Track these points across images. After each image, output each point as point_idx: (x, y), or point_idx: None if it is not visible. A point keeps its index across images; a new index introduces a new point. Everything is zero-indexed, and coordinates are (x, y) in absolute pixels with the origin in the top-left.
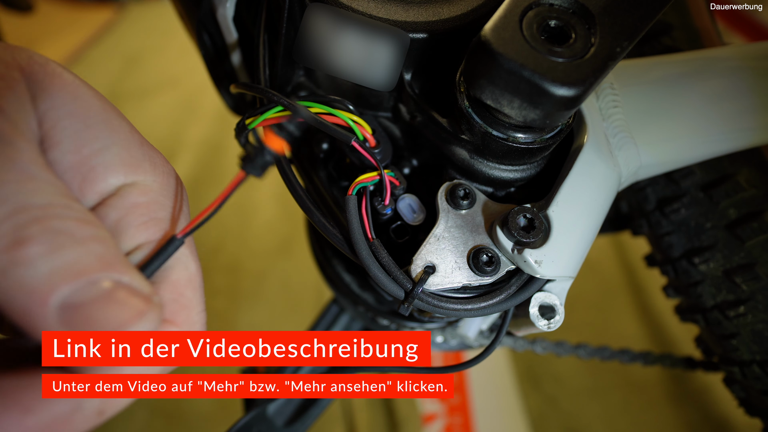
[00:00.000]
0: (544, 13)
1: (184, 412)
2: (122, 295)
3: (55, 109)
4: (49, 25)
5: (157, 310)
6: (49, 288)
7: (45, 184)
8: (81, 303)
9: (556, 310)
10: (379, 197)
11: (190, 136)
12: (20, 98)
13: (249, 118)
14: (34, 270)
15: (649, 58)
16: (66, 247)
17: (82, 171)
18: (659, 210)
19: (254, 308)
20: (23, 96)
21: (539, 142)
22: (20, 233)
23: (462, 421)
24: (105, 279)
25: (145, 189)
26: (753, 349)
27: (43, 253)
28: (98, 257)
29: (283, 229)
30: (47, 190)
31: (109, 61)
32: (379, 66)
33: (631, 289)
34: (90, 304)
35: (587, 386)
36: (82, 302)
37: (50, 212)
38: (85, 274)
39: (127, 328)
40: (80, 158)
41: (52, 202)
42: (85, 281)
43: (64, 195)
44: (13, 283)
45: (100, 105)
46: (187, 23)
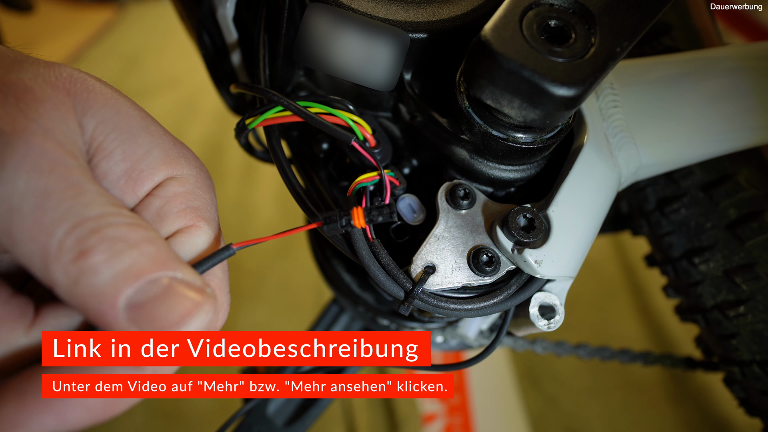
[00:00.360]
0: (544, 13)
1: (184, 412)
2: (180, 290)
3: (104, 124)
4: (49, 25)
5: (212, 301)
6: (115, 291)
7: (96, 196)
8: (144, 301)
9: (556, 310)
10: (379, 197)
11: (190, 136)
12: (66, 118)
13: (249, 118)
14: (99, 277)
15: (649, 58)
16: (123, 252)
17: (133, 175)
18: (659, 210)
19: (254, 308)
20: (69, 115)
21: (539, 142)
22: (83, 245)
23: (462, 421)
24: (162, 277)
25: (182, 181)
26: (753, 349)
27: (104, 260)
28: (152, 258)
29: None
30: (99, 201)
31: (109, 61)
32: (379, 66)
33: (631, 289)
34: (153, 301)
35: (587, 386)
36: (146, 300)
37: (104, 222)
38: (143, 275)
39: (190, 319)
40: (131, 164)
41: (105, 212)
42: (145, 281)
43: (113, 204)
44: (86, 291)
45: (137, 114)
46: (187, 23)
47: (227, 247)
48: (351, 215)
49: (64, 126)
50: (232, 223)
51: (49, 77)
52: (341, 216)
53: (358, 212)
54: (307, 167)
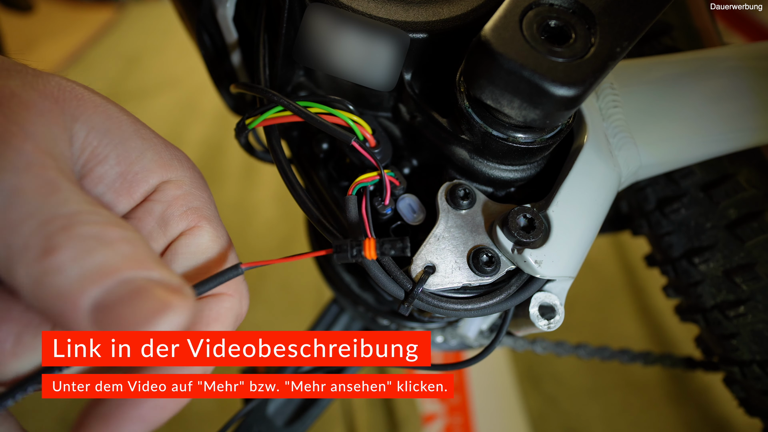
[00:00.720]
0: (544, 13)
1: (184, 412)
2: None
3: (95, 130)
4: (49, 25)
5: (189, 302)
6: (78, 290)
7: (71, 194)
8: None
9: (556, 310)
10: (379, 197)
11: (190, 136)
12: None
13: (249, 118)
14: (64, 276)
15: (649, 58)
16: (95, 250)
17: (128, 178)
18: (659, 210)
19: (254, 308)
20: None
21: (539, 142)
22: (48, 242)
23: (462, 421)
24: (136, 277)
25: (179, 183)
26: (753, 349)
27: (71, 258)
28: (127, 257)
29: (283, 229)
30: (74, 199)
31: (109, 61)
32: (379, 66)
33: (631, 289)
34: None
35: (587, 386)
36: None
37: (77, 219)
38: (114, 274)
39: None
40: (125, 167)
41: (79, 210)
42: (115, 280)
43: (90, 203)
44: (47, 291)
45: (128, 119)
46: (187, 23)
47: (236, 266)
48: (362, 246)
49: (47, 131)
50: (232, 223)
51: (37, 85)
52: (352, 246)
53: (370, 244)
54: (307, 167)
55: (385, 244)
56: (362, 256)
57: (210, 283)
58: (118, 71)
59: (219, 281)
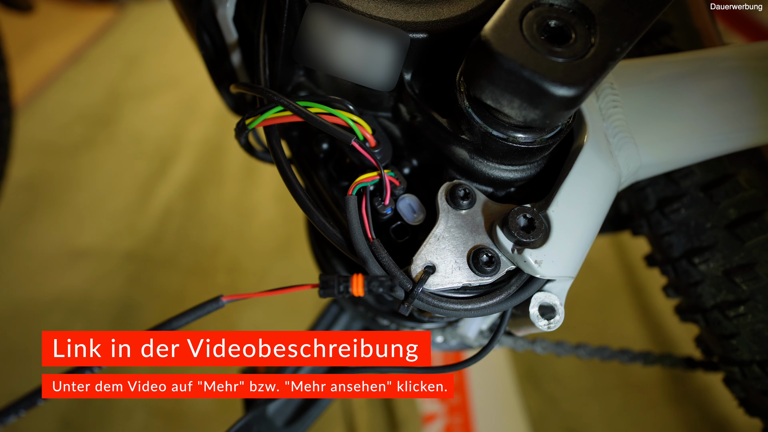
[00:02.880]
0: (544, 13)
1: (184, 412)
2: None
3: None
4: (49, 25)
5: None
6: None
7: None
8: None
9: (556, 310)
10: (379, 197)
11: (190, 136)
12: None
13: (249, 118)
14: None
15: (649, 58)
16: None
17: None
18: (659, 210)
19: (254, 308)
20: None
21: (539, 142)
22: None
23: (462, 421)
24: None
25: None
26: (753, 349)
27: None
28: None
29: (283, 229)
30: None
31: (109, 61)
32: (379, 66)
33: (631, 289)
34: None
35: (587, 386)
36: None
37: None
38: None
39: None
40: None
41: None
42: None
43: None
44: None
45: None
46: (187, 23)
47: (216, 299)
48: (350, 282)
49: None
50: (232, 223)
51: None
52: (339, 282)
53: (357, 280)
54: (307, 167)
55: (373, 281)
56: (349, 292)
57: (190, 315)
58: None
59: (198, 315)
